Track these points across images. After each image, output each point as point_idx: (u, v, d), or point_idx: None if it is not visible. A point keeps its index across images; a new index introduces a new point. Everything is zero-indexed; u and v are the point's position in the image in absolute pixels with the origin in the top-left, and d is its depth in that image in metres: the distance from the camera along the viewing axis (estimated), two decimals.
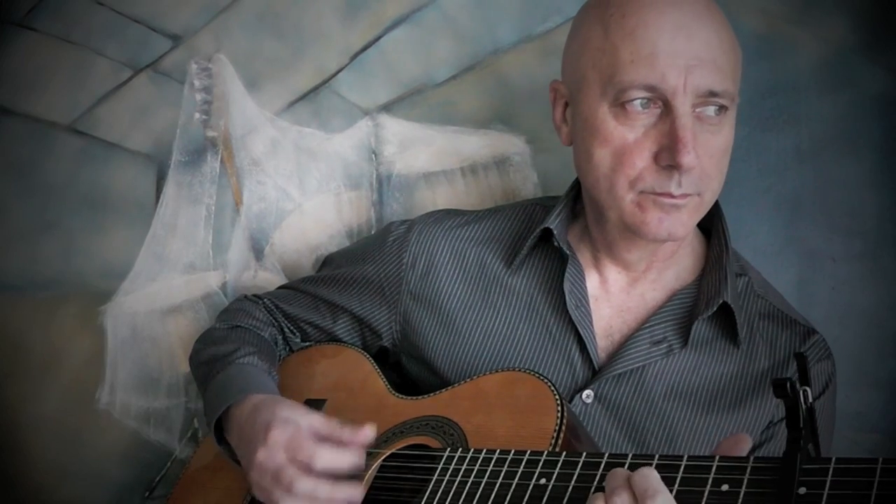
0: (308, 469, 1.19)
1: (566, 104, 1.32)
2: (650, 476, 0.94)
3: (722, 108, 1.21)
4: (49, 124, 1.87)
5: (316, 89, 1.75)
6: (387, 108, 1.72)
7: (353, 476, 1.21)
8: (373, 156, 1.73)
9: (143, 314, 1.83)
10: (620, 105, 1.20)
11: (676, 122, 1.17)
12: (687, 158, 1.16)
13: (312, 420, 1.25)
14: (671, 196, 1.20)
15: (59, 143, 1.86)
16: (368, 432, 1.22)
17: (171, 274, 1.81)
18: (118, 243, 1.84)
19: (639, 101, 1.19)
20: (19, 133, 1.89)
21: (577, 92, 1.27)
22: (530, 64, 1.63)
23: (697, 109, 1.20)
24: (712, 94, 1.19)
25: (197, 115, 1.79)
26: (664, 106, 1.19)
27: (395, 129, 1.72)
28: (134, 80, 1.83)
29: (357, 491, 1.18)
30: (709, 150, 1.21)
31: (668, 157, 1.18)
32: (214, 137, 1.79)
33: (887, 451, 1.49)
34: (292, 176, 1.76)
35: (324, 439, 1.22)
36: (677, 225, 1.22)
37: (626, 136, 1.21)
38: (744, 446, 1.00)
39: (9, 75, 1.89)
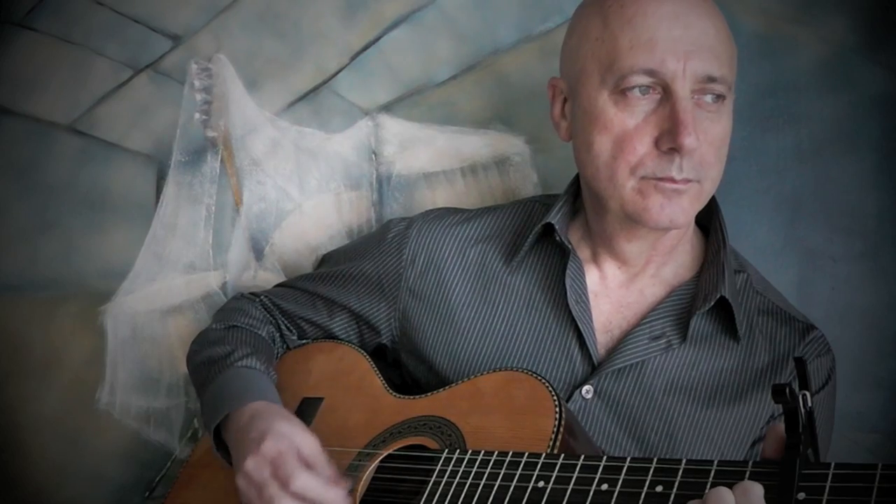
0: (285, 486, 1.20)
1: (565, 100, 1.33)
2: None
3: (720, 97, 1.23)
4: (49, 124, 1.87)
5: (316, 89, 1.75)
6: (387, 108, 1.71)
7: None
8: (373, 156, 1.73)
9: (143, 314, 1.82)
10: (620, 92, 1.22)
11: (677, 104, 1.19)
12: (688, 140, 1.18)
13: (305, 441, 1.25)
14: (673, 181, 1.21)
15: (59, 143, 1.86)
16: (344, 486, 1.22)
17: (171, 274, 1.81)
18: (118, 243, 1.83)
19: (638, 88, 1.21)
20: (19, 133, 1.88)
21: (577, 84, 1.28)
22: (530, 64, 1.63)
23: (696, 96, 1.22)
24: (710, 79, 1.21)
25: (197, 115, 1.79)
26: (663, 91, 1.21)
27: (395, 129, 1.72)
28: (134, 80, 1.83)
29: None
30: (708, 137, 1.22)
31: (669, 140, 1.19)
32: (214, 137, 1.79)
33: (887, 452, 1.49)
34: (292, 176, 1.76)
35: (308, 465, 1.23)
36: (678, 211, 1.23)
37: (626, 123, 1.22)
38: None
39: (9, 75, 1.89)
